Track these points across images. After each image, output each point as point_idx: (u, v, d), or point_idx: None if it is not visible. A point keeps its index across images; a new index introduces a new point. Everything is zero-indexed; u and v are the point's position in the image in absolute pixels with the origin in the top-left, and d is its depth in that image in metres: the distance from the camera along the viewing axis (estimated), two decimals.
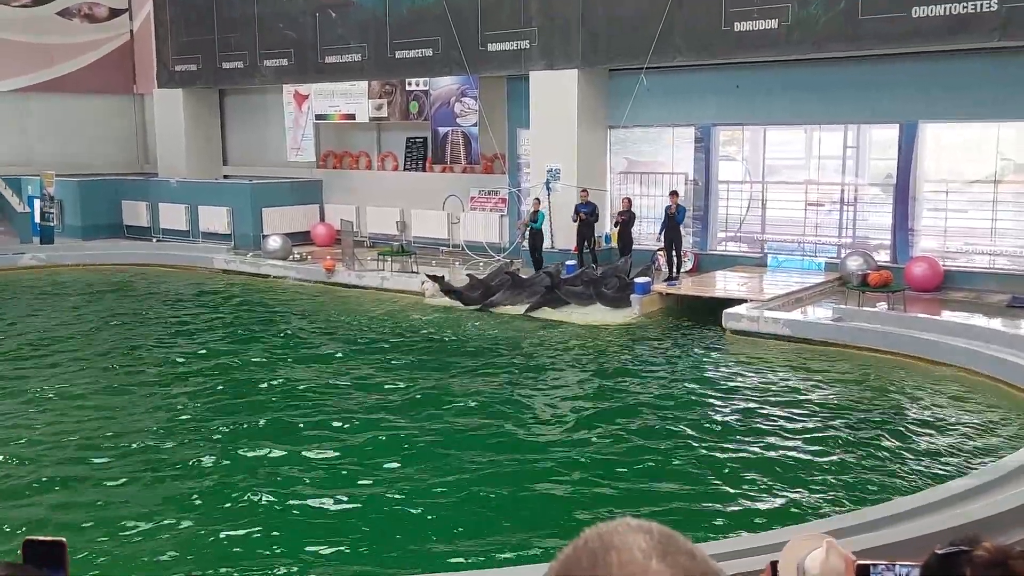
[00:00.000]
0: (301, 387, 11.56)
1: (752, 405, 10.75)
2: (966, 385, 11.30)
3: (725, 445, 9.40)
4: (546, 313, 15.58)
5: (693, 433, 9.78)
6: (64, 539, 1.27)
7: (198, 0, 24.69)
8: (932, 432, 9.71)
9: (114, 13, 27.61)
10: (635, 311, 15.27)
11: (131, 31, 27.82)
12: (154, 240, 23.77)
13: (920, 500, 6.77)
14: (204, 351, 13.60)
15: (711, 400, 11.07)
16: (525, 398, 11.19)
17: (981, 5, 13.90)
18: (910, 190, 16.05)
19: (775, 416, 10.29)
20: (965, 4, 14.01)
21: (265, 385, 11.66)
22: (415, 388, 11.50)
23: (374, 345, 14.00)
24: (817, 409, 10.56)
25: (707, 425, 10.08)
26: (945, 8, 14.20)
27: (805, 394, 11.18)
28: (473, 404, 10.81)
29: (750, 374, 12.17)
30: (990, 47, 14.41)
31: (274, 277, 19.81)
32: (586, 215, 17.40)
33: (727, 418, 10.32)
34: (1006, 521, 6.05)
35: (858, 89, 16.20)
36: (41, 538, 1.27)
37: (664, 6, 16.78)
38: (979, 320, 13.18)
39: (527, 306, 15.79)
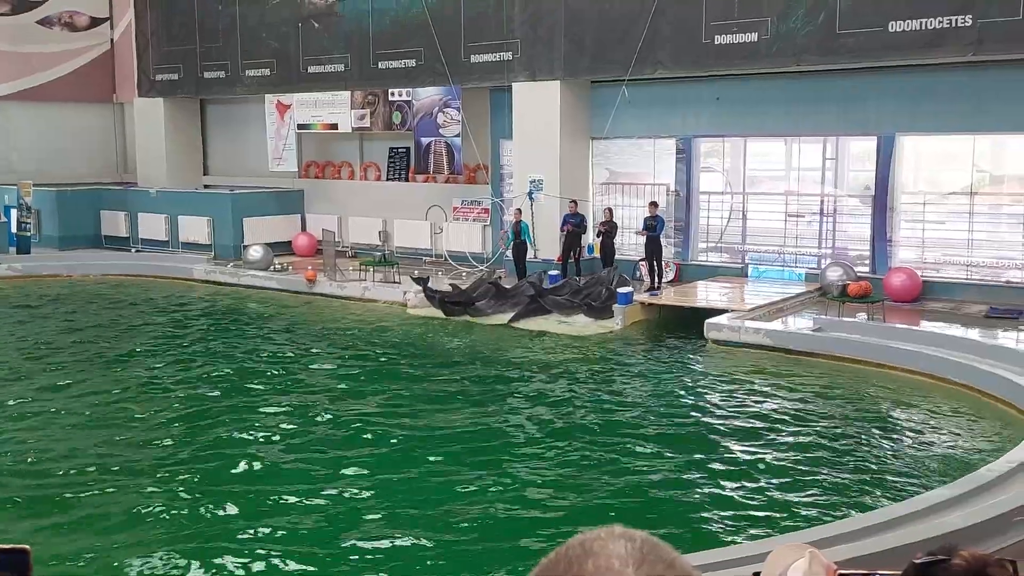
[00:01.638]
0: (277, 400, 11.49)
1: (733, 415, 10.79)
2: (945, 395, 11.39)
3: (707, 455, 9.44)
4: (529, 323, 15.59)
5: (674, 444, 9.81)
6: (28, 547, 1.25)
7: (180, 9, 24.64)
8: (911, 442, 9.78)
9: (95, 22, 27.47)
10: (618, 321, 15.31)
11: (112, 40, 27.67)
12: (133, 251, 23.62)
13: (900, 510, 6.81)
14: (178, 363, 13.49)
15: (692, 410, 11.10)
16: (507, 409, 11.17)
17: (956, 21, 14.08)
18: (888, 201, 16.19)
19: (756, 426, 10.33)
20: (941, 19, 14.20)
21: (238, 401, 11.54)
22: (395, 398, 11.46)
23: (353, 356, 13.95)
24: (798, 419, 10.61)
25: (688, 435, 10.11)
26: (921, 23, 14.37)
27: (786, 404, 11.23)
28: (454, 415, 10.79)
29: (731, 384, 12.22)
30: (965, 61, 14.59)
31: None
32: (574, 226, 17.44)
33: (708, 428, 10.36)
34: (985, 531, 6.09)
35: (837, 102, 16.35)
36: (4, 546, 1.25)
37: (646, 19, 16.90)
38: (957, 331, 13.30)
39: (511, 315, 15.80)
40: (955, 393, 11.39)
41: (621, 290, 15.63)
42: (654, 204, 16.94)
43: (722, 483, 8.62)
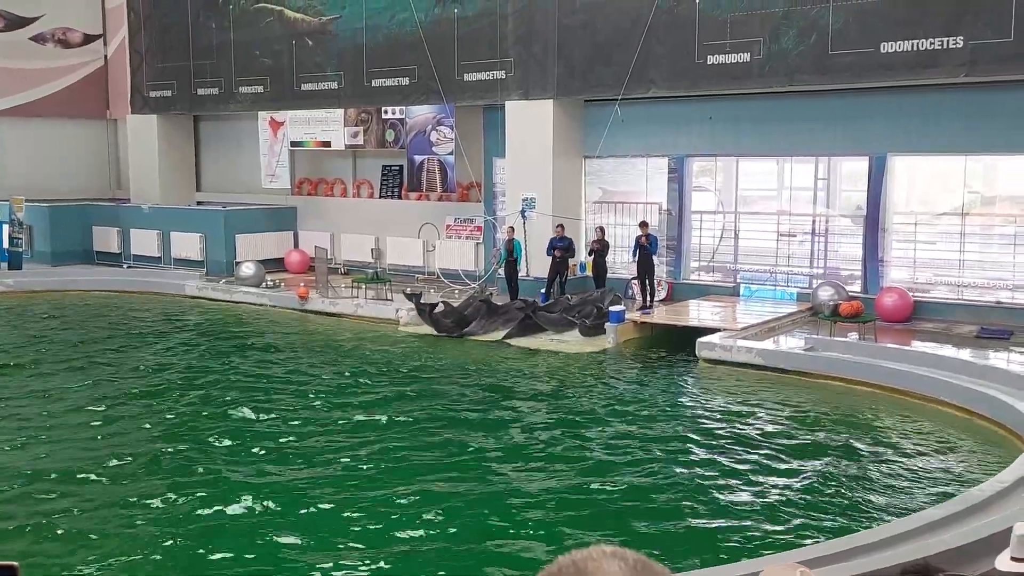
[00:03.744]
0: (268, 420, 11.42)
1: (723, 434, 10.77)
2: (936, 415, 11.39)
3: (698, 475, 9.41)
4: (521, 341, 15.58)
5: (666, 463, 9.78)
6: (16, 564, 1.24)
7: (173, 26, 24.71)
8: (902, 462, 9.77)
9: (88, 39, 27.52)
10: (610, 339, 15.31)
11: (105, 57, 27.73)
12: (125, 266, 23.56)
13: (890, 530, 6.80)
14: (168, 381, 13.39)
15: (684, 429, 11.08)
16: (499, 428, 11.13)
17: (948, 42, 14.19)
18: (880, 221, 16.26)
19: (745, 445, 10.31)
20: (932, 40, 14.30)
21: (230, 419, 11.42)
22: (384, 416, 11.42)
23: (344, 375, 13.90)
24: (789, 438, 10.60)
25: (680, 455, 10.09)
26: (913, 44, 14.48)
27: (776, 423, 11.22)
28: (443, 431, 10.75)
29: (723, 403, 12.21)
30: (957, 82, 14.69)
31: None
32: (562, 251, 17.42)
33: (700, 447, 10.33)
34: (975, 551, 6.08)
35: (829, 122, 16.44)
36: None
37: (639, 39, 17.00)
38: (948, 351, 13.31)
39: (503, 333, 15.78)
40: (946, 413, 11.39)
41: (613, 308, 15.64)
42: (644, 224, 16.96)
43: (711, 503, 8.59)
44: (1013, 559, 2.81)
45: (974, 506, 7.23)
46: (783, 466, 9.60)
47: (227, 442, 10.38)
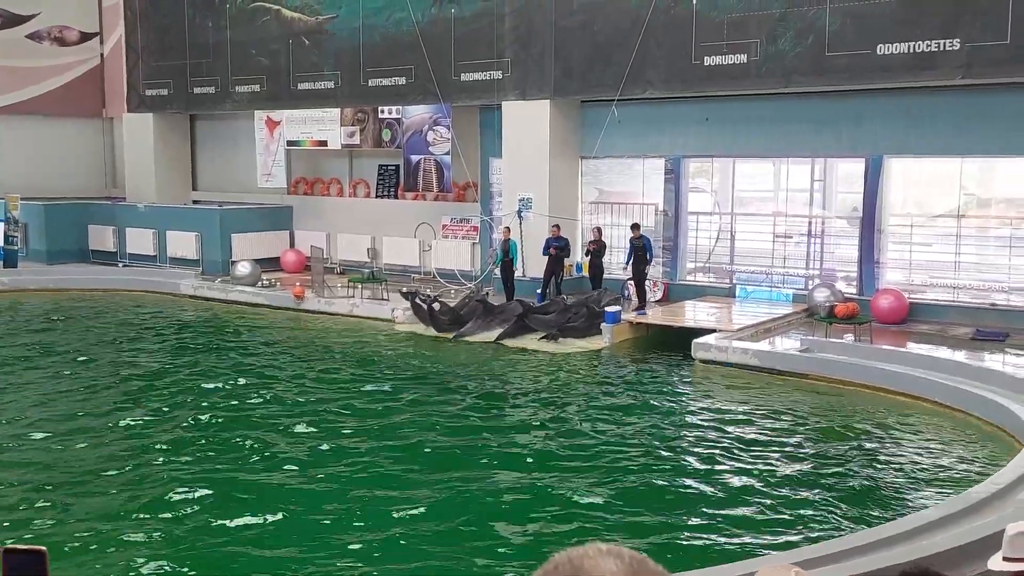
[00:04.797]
0: (261, 420, 11.40)
1: (720, 435, 10.77)
2: (931, 416, 11.41)
3: (692, 476, 9.41)
4: (517, 341, 15.57)
5: (661, 463, 9.79)
6: (44, 548, 1.25)
7: (170, 25, 24.68)
8: (898, 463, 9.78)
9: (84, 37, 27.47)
10: (605, 340, 15.31)
11: (101, 55, 27.68)
12: (120, 265, 23.53)
13: (886, 531, 6.80)
14: (159, 380, 13.35)
15: (679, 430, 11.08)
16: (494, 429, 11.13)
17: (944, 44, 14.22)
18: (876, 223, 16.28)
19: (743, 446, 10.31)
20: (929, 42, 14.33)
21: (223, 420, 11.41)
22: (378, 415, 11.41)
23: (339, 374, 13.89)
24: (784, 439, 10.60)
25: (674, 455, 10.09)
26: (910, 46, 14.51)
27: (772, 425, 11.22)
28: (440, 435, 10.74)
29: (718, 404, 12.21)
30: (954, 84, 14.72)
31: None
32: (558, 250, 17.41)
33: (695, 448, 10.33)
34: (971, 552, 6.09)
35: (825, 123, 16.45)
36: (21, 547, 1.26)
37: (636, 39, 17.01)
38: (944, 352, 13.33)
39: (498, 333, 15.78)
40: (941, 414, 11.41)
41: (609, 309, 15.63)
42: (636, 226, 16.93)
43: (705, 503, 8.59)
44: (1005, 559, 2.81)
45: (969, 507, 7.23)
46: (777, 467, 9.60)
47: (220, 443, 10.35)
